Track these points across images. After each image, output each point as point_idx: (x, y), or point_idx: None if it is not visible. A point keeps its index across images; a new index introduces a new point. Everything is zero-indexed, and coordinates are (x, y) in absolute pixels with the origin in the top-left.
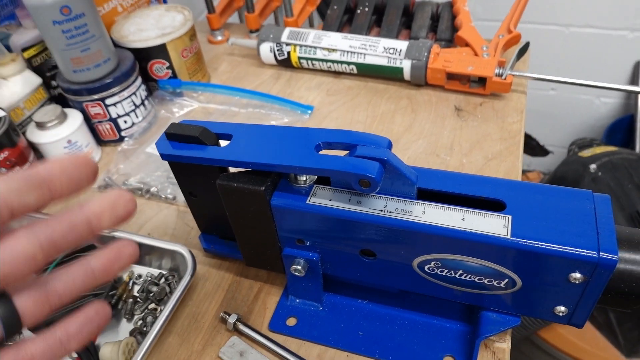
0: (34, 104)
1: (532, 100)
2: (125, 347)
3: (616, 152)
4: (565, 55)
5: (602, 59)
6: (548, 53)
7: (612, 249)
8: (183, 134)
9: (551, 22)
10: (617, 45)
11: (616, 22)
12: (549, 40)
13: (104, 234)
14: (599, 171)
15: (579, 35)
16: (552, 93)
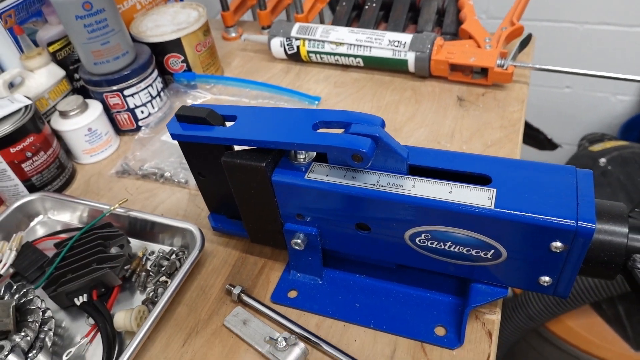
0: (58, 94)
1: (548, 97)
2: (137, 314)
3: (627, 147)
4: (581, 53)
5: (617, 56)
6: (564, 50)
7: (590, 218)
8: (192, 115)
9: (566, 20)
10: (633, 41)
11: (632, 19)
12: (565, 38)
13: (119, 213)
14: (608, 165)
15: (595, 32)
16: (567, 91)
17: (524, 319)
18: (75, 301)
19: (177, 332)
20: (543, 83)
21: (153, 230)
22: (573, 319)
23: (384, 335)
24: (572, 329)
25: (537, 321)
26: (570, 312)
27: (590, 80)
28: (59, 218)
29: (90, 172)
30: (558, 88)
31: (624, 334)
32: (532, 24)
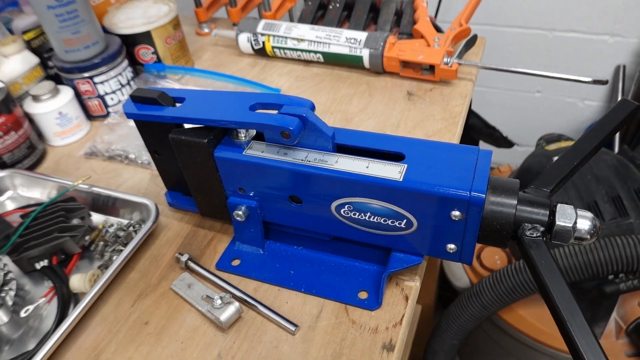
0: (31, 80)
1: (518, 100)
2: (91, 276)
3: None
4: (550, 59)
5: (584, 63)
6: (533, 56)
7: (481, 189)
8: (145, 97)
9: (536, 27)
10: (598, 49)
11: (597, 27)
12: (534, 44)
13: (83, 189)
14: None
15: (562, 39)
16: (538, 95)
17: (478, 307)
18: (37, 266)
19: (127, 294)
20: (515, 87)
21: (114, 206)
22: (524, 308)
23: (312, 298)
24: (523, 318)
25: (490, 309)
26: (522, 302)
27: (559, 85)
28: (28, 194)
29: (61, 154)
30: (529, 92)
31: None
32: (505, 29)
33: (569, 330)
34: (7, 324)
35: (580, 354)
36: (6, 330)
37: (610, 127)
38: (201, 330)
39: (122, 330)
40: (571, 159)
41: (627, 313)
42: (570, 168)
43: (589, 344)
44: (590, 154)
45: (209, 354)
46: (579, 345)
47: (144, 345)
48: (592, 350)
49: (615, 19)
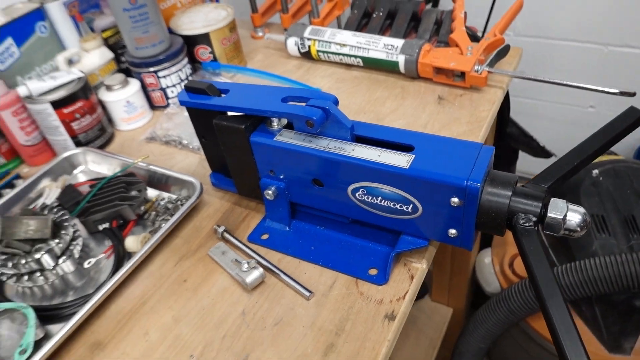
0: (106, 72)
1: (570, 114)
2: (142, 238)
3: (621, 161)
4: (603, 74)
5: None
6: (585, 71)
7: (477, 179)
8: (196, 87)
9: (590, 41)
10: None
11: None
12: (587, 58)
13: (141, 165)
14: (600, 176)
15: (618, 54)
16: (591, 110)
17: (506, 312)
18: (99, 227)
19: (171, 256)
20: (567, 101)
21: (166, 183)
22: None
23: (328, 271)
24: None
25: (518, 315)
26: None
27: (614, 101)
28: (96, 169)
29: (125, 137)
30: (582, 107)
31: (600, 335)
32: (556, 42)
33: (547, 308)
34: (73, 273)
35: (553, 327)
36: (72, 278)
37: (614, 133)
38: (230, 290)
39: (164, 285)
40: (572, 159)
41: None
42: (569, 167)
43: (563, 318)
44: (591, 157)
45: (235, 309)
46: (554, 321)
47: (181, 298)
48: (564, 322)
49: None
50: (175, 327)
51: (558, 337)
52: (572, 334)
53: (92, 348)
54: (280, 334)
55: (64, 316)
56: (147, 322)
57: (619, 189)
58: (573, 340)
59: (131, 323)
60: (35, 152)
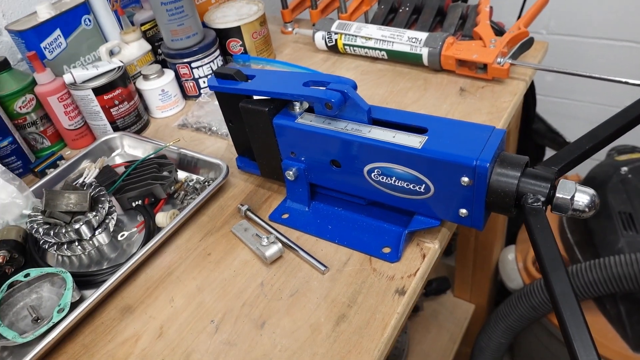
0: (144, 63)
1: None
2: (172, 214)
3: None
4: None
5: None
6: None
7: (486, 159)
8: (224, 73)
9: (627, 39)
10: None
11: None
12: (624, 58)
13: (172, 149)
14: (629, 173)
15: None
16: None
17: (527, 308)
18: (133, 204)
19: (197, 232)
20: (601, 101)
21: (196, 166)
22: None
23: (343, 249)
24: None
25: (540, 312)
26: None
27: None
28: (132, 152)
29: (160, 124)
30: (617, 107)
31: (624, 333)
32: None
33: (550, 283)
34: (107, 245)
35: (555, 299)
36: (106, 249)
37: (627, 119)
38: (250, 264)
39: (190, 257)
40: (584, 143)
41: None
42: (581, 152)
43: (564, 288)
44: (603, 142)
45: (254, 281)
46: (556, 294)
47: (205, 270)
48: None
49: None
50: (198, 295)
51: (560, 310)
52: (573, 305)
53: (122, 311)
54: (296, 304)
55: (98, 282)
56: (173, 290)
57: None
58: (573, 309)
59: (158, 290)
60: (77, 136)
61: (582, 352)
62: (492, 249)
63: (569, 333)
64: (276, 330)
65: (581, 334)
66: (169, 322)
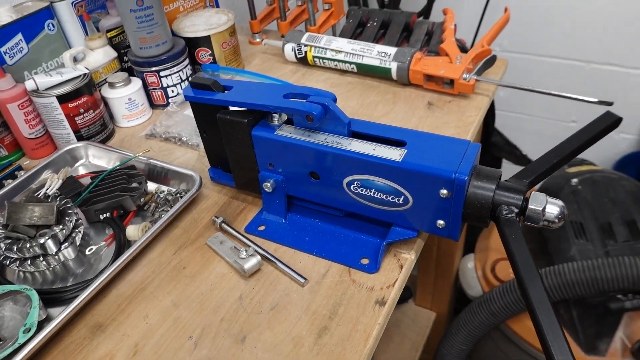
0: (109, 70)
1: (554, 128)
2: (143, 227)
3: (599, 171)
4: (586, 91)
5: (621, 97)
6: (568, 87)
7: (464, 172)
8: (201, 83)
9: (573, 58)
10: (636, 83)
11: (636, 61)
12: (569, 75)
13: (141, 159)
14: (579, 185)
15: (600, 71)
16: (573, 125)
17: (487, 314)
18: (100, 217)
19: (170, 245)
20: (551, 116)
21: (166, 176)
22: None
23: (322, 260)
24: (529, 328)
25: (499, 317)
26: None
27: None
28: (97, 163)
29: (126, 133)
30: (565, 122)
31: (576, 337)
32: (541, 59)
33: (526, 290)
34: (74, 260)
35: (532, 307)
36: (72, 264)
37: (590, 135)
38: (227, 277)
39: (164, 271)
40: (551, 157)
41: (633, 332)
42: (549, 165)
43: (540, 295)
44: (568, 156)
45: (232, 295)
46: (533, 301)
47: (180, 284)
48: (542, 302)
49: None
50: (174, 310)
51: (537, 318)
52: (549, 313)
53: (93, 329)
54: (276, 317)
55: (66, 299)
56: (147, 306)
57: (596, 198)
58: (550, 317)
59: (131, 307)
60: (37, 145)
61: (558, 354)
62: (453, 257)
63: (545, 337)
64: (257, 344)
65: (557, 339)
66: (144, 339)
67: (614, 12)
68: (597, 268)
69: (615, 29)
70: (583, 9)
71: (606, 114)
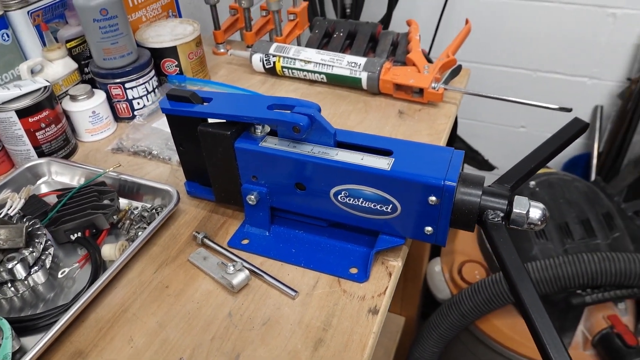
0: (70, 82)
1: (504, 134)
2: (120, 246)
3: (554, 173)
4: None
5: (566, 102)
6: (517, 94)
7: (453, 179)
8: (179, 95)
9: (521, 67)
10: (579, 90)
11: (578, 69)
12: (519, 82)
13: (112, 176)
14: (537, 187)
15: (545, 79)
16: (522, 130)
17: (457, 316)
18: (71, 237)
19: (150, 264)
20: (501, 122)
21: (139, 192)
22: (499, 318)
23: (310, 272)
24: (497, 328)
25: (469, 318)
26: (497, 312)
27: (542, 121)
28: (61, 180)
29: (90, 148)
30: (514, 127)
31: None
32: (492, 67)
33: (518, 291)
34: (44, 284)
35: (524, 305)
36: (42, 289)
37: (562, 140)
38: (214, 294)
39: (145, 292)
40: (528, 162)
41: (592, 325)
42: (527, 170)
43: (531, 295)
44: (544, 161)
45: (221, 312)
46: (526, 303)
47: (164, 304)
48: (534, 303)
49: (593, 63)
50: (161, 331)
51: (530, 317)
52: (542, 313)
53: (73, 357)
54: (269, 332)
55: (40, 327)
56: (131, 328)
57: (553, 199)
58: (543, 318)
59: (113, 331)
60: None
61: (555, 353)
62: (421, 262)
63: (542, 338)
64: None
65: (553, 337)
66: None
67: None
68: (558, 266)
69: (557, 41)
70: (528, 25)
71: (575, 121)
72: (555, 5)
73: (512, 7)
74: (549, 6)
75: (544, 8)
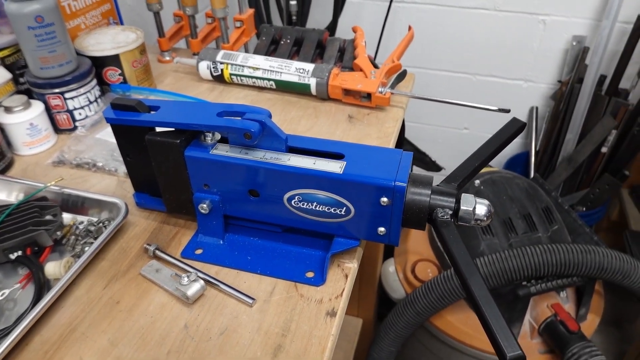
0: (3, 94)
1: (449, 136)
2: (65, 263)
3: (496, 172)
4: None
5: (504, 104)
6: (459, 96)
7: (402, 180)
8: (124, 104)
9: (462, 71)
10: (515, 92)
11: (513, 73)
12: (460, 86)
13: (54, 190)
14: (481, 185)
15: (484, 82)
16: (465, 132)
17: (413, 314)
18: (11, 256)
19: (99, 279)
20: (445, 124)
21: (83, 206)
22: (452, 314)
23: (267, 278)
24: (451, 323)
25: (424, 316)
26: (450, 308)
27: (484, 123)
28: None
29: (28, 162)
30: (458, 129)
31: None
32: (436, 72)
33: (469, 286)
34: None
35: (474, 298)
36: None
37: (502, 139)
38: (169, 306)
39: (95, 309)
40: (472, 162)
41: (538, 315)
42: (472, 169)
43: (481, 289)
44: (487, 160)
45: (176, 325)
46: (475, 295)
47: (116, 320)
48: (484, 295)
49: (528, 66)
50: (113, 349)
51: (481, 310)
52: (492, 305)
53: None
54: (228, 342)
55: None
56: (80, 348)
57: (497, 196)
58: (493, 310)
59: (61, 352)
60: None
61: (505, 343)
62: (376, 264)
63: (492, 329)
64: None
65: (503, 328)
66: None
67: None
68: (504, 260)
69: (494, 47)
70: (467, 31)
71: (513, 121)
72: (490, 13)
73: (451, 15)
74: (484, 13)
75: (480, 15)
